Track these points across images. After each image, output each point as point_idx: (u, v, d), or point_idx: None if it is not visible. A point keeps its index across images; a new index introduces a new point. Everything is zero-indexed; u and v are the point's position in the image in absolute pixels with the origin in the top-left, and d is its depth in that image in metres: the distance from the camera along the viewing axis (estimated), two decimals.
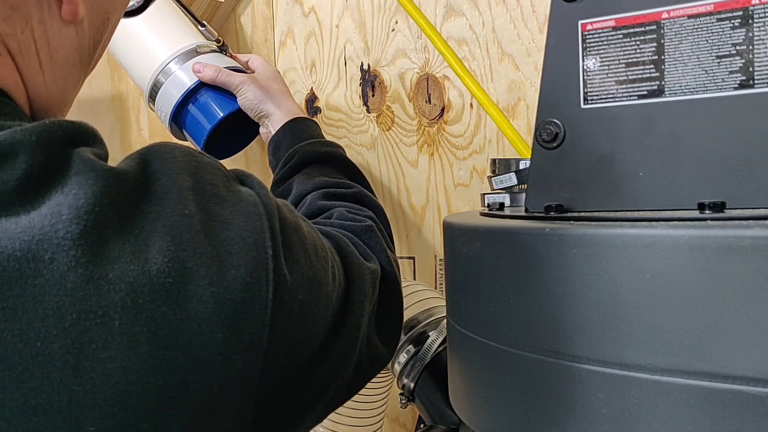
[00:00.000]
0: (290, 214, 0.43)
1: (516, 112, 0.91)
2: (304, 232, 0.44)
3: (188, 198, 0.37)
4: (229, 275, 0.36)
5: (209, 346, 0.35)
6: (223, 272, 0.36)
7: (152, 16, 0.91)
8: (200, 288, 0.35)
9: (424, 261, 1.01)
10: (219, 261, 0.36)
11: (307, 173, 0.69)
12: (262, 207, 0.40)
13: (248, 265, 0.37)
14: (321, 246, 0.46)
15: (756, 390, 0.31)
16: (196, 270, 0.35)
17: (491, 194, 0.60)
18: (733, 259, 0.31)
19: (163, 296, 0.33)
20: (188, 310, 0.34)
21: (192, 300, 0.34)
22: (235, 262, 0.36)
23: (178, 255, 0.34)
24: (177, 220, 0.35)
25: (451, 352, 0.50)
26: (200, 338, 0.34)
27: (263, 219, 0.39)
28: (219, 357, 0.35)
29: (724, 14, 0.40)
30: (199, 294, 0.34)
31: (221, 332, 0.35)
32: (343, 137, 1.07)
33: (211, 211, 0.38)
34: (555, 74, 0.45)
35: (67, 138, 0.35)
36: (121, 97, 1.31)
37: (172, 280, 0.34)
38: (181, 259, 0.34)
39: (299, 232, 0.43)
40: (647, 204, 0.42)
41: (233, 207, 0.39)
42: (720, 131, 0.40)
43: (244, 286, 0.36)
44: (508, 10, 0.90)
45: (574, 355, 0.36)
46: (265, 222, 0.39)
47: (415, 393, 0.78)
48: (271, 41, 1.13)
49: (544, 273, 0.38)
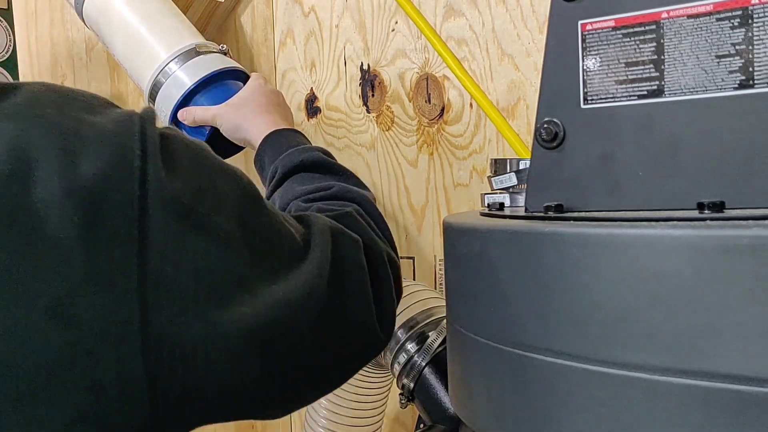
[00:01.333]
0: (188, 142, 0.44)
1: (516, 112, 0.91)
2: (205, 155, 0.45)
3: (47, 105, 0.39)
4: (83, 167, 0.37)
5: (65, 227, 0.36)
6: (76, 164, 0.37)
7: (152, 16, 0.92)
8: (45, 174, 0.36)
9: (423, 261, 1.01)
10: (72, 153, 0.37)
11: (287, 187, 0.68)
12: (137, 117, 0.41)
13: (109, 160, 0.38)
14: (239, 175, 0.47)
15: (756, 390, 0.31)
16: (42, 159, 0.36)
17: (491, 194, 0.60)
18: (732, 259, 0.31)
19: (5, 181, 0.35)
20: (35, 194, 0.36)
21: (38, 186, 0.36)
22: (92, 156, 0.38)
23: (20, 144, 0.36)
24: (27, 116, 0.38)
25: (451, 352, 0.50)
26: (52, 219, 0.36)
27: (135, 124, 0.41)
28: (79, 240, 0.36)
29: (724, 14, 0.40)
30: (45, 180, 0.36)
31: (76, 215, 0.36)
32: (343, 137, 1.07)
33: (77, 116, 0.40)
34: (555, 74, 0.45)
35: None
36: (121, 97, 1.31)
37: (12, 166, 0.36)
38: (22, 147, 0.36)
39: (191, 150, 0.44)
40: (647, 204, 0.42)
41: (105, 116, 0.41)
42: (720, 131, 0.40)
43: (103, 178, 0.37)
44: (508, 10, 0.90)
45: (574, 355, 0.36)
46: (136, 126, 0.40)
47: (415, 393, 0.78)
48: (270, 41, 1.13)
49: (543, 273, 0.38)
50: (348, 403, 0.91)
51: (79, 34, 1.36)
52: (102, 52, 1.31)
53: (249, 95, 0.84)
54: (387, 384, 0.93)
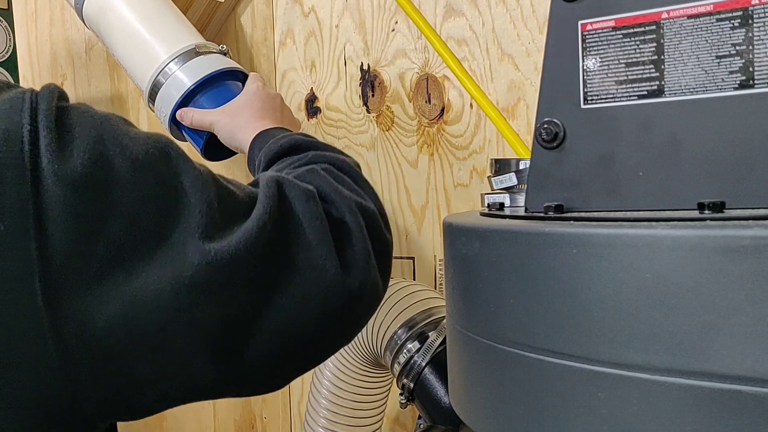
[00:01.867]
0: (92, 113, 0.43)
1: (516, 112, 0.91)
2: (112, 123, 0.44)
3: None
4: None
5: None
6: None
7: (152, 16, 0.92)
8: None
9: (423, 261, 1.01)
10: None
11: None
12: (30, 93, 0.41)
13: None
14: (157, 139, 0.45)
15: (756, 390, 0.31)
16: None
17: (491, 194, 0.60)
18: (732, 259, 0.31)
19: None
20: None
21: None
22: None
23: None
24: None
25: (451, 352, 0.50)
26: None
27: (25, 101, 0.40)
28: None
29: (724, 14, 0.40)
30: None
31: None
32: (343, 137, 1.07)
33: None
34: (555, 74, 0.45)
35: None
36: (121, 97, 1.31)
37: None
38: None
39: (94, 120, 0.43)
40: (647, 204, 0.42)
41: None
42: (720, 131, 0.40)
43: None
44: (508, 10, 0.90)
45: (574, 355, 0.36)
46: (26, 103, 0.40)
47: (415, 393, 0.78)
48: (270, 41, 1.13)
49: (543, 273, 0.38)
50: (348, 403, 0.91)
51: (78, 34, 1.36)
52: (102, 52, 1.31)
53: (245, 101, 0.83)
54: (387, 384, 0.93)
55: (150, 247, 0.41)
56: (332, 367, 0.91)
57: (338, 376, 0.90)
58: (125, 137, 0.43)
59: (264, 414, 1.21)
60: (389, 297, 0.84)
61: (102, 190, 0.40)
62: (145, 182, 0.42)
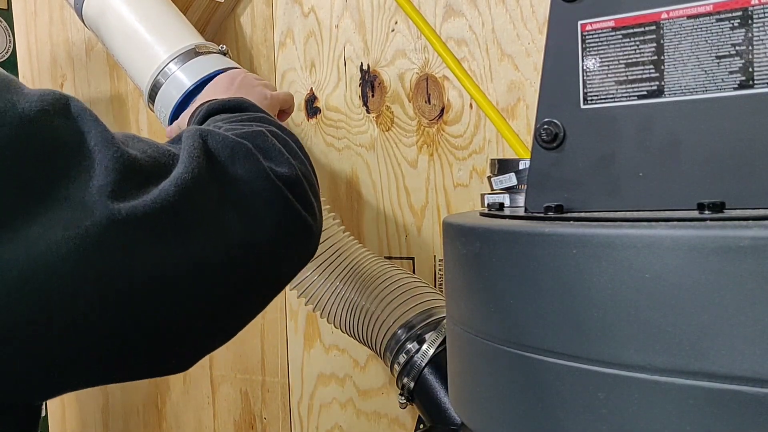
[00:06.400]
0: None
1: (515, 112, 0.91)
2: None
3: None
4: None
5: None
6: None
7: (151, 16, 0.92)
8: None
9: (423, 261, 1.01)
10: None
11: (207, 123, 0.62)
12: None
13: None
14: (51, 93, 0.44)
15: (755, 390, 0.31)
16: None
17: (491, 194, 0.60)
18: (732, 260, 0.31)
19: None
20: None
21: None
22: None
23: None
24: None
25: (451, 352, 0.50)
26: None
27: None
28: None
29: (724, 14, 0.40)
30: None
31: None
32: (343, 138, 1.07)
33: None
34: (554, 74, 0.45)
35: None
36: (121, 97, 1.31)
37: None
38: None
39: None
40: (647, 204, 0.42)
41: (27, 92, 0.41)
42: (720, 131, 0.40)
43: None
44: (507, 10, 0.90)
45: (574, 355, 0.36)
46: None
47: (415, 393, 0.78)
48: (270, 41, 1.13)
49: (543, 273, 0.38)
50: None
51: (78, 34, 1.36)
52: (101, 52, 1.31)
53: (211, 85, 0.82)
54: None
55: (46, 207, 0.38)
56: None
57: None
58: (17, 93, 0.40)
59: (264, 414, 1.21)
60: (389, 294, 0.84)
61: None
62: (36, 141, 0.39)
